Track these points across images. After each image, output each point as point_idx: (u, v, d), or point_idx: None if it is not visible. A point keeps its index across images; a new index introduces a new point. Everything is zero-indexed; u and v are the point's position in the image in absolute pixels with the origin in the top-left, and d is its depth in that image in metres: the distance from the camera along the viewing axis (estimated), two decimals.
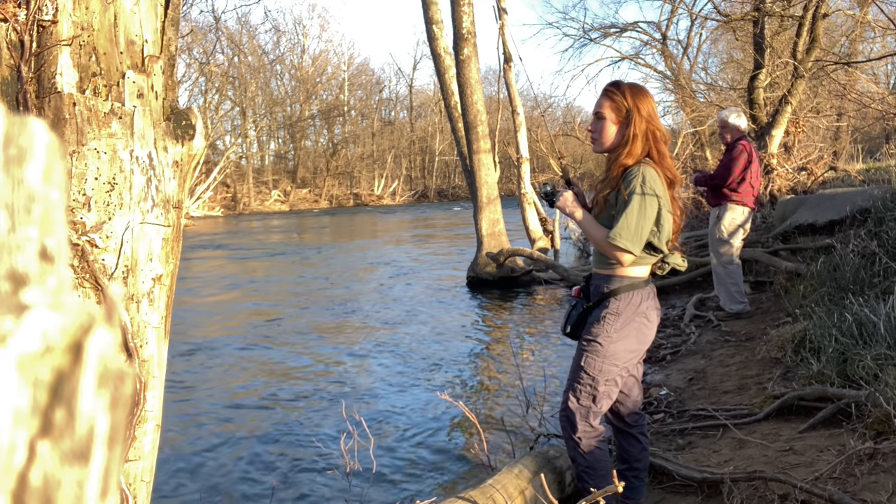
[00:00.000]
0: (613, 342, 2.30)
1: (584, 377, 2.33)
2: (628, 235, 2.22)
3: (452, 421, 4.23)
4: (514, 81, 11.06)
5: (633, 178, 2.24)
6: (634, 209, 2.21)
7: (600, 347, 2.31)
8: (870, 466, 2.59)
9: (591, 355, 2.32)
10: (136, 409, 1.48)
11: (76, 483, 0.30)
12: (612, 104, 2.32)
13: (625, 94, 2.30)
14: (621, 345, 2.31)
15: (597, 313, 2.35)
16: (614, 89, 2.33)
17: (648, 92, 2.38)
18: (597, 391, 2.33)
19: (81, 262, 1.40)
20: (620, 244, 2.22)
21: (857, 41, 14.49)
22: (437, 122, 42.59)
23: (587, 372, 2.32)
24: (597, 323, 2.33)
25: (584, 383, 2.33)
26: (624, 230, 2.21)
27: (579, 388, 2.34)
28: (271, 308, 8.23)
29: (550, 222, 10.97)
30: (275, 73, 39.05)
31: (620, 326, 2.30)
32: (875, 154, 14.93)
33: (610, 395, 2.37)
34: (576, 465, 2.44)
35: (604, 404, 2.36)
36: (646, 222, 2.23)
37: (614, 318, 2.30)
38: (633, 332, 2.32)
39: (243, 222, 26.19)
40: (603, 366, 2.31)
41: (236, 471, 3.65)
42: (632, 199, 2.21)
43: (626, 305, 2.31)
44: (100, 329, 0.32)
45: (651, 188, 2.23)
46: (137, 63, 1.48)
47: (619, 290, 2.32)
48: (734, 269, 5.52)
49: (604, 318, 2.31)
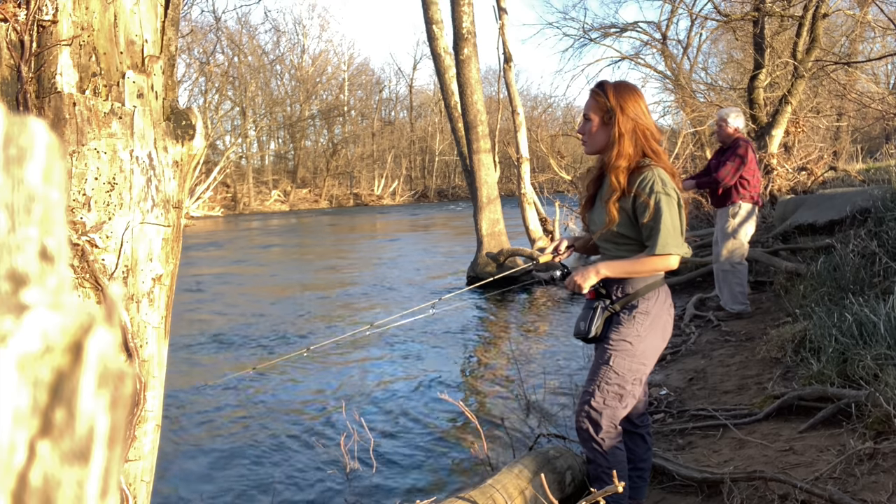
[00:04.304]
0: (643, 341, 2.29)
1: (613, 377, 2.30)
2: (674, 241, 2.21)
3: (452, 421, 4.23)
4: (514, 81, 11.05)
5: (652, 182, 2.21)
6: (666, 213, 2.19)
7: (630, 347, 2.29)
8: (870, 466, 2.59)
9: (621, 355, 2.30)
10: (136, 409, 1.48)
11: (76, 483, 0.30)
12: (596, 104, 2.31)
13: (608, 93, 2.28)
14: (649, 343, 2.31)
15: (625, 314, 2.32)
16: (598, 90, 2.31)
17: (636, 89, 2.34)
18: (624, 390, 2.31)
19: (81, 262, 1.39)
20: (673, 251, 2.21)
21: (857, 41, 14.49)
22: (437, 122, 42.59)
23: (616, 372, 2.30)
24: (626, 323, 2.30)
25: (611, 383, 2.31)
26: (669, 237, 2.20)
27: (606, 389, 2.31)
28: (269, 306, 8.22)
29: (550, 222, 10.96)
30: (275, 73, 39.07)
31: (650, 325, 2.30)
32: (875, 154, 14.93)
33: (635, 395, 2.36)
34: (594, 466, 2.39)
35: (629, 404, 2.35)
36: (679, 221, 2.24)
37: (644, 317, 2.29)
38: (659, 329, 2.33)
39: (243, 222, 26.19)
40: (632, 365, 2.30)
41: (236, 471, 3.65)
42: (660, 204, 2.19)
43: (655, 304, 2.31)
44: (100, 329, 0.32)
45: (671, 187, 2.23)
46: (137, 63, 1.48)
47: (643, 289, 2.31)
48: (742, 268, 5.53)
49: (634, 318, 2.29)
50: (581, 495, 2.59)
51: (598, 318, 2.35)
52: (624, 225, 2.29)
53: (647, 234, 2.24)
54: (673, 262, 2.25)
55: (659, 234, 2.19)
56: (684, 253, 2.25)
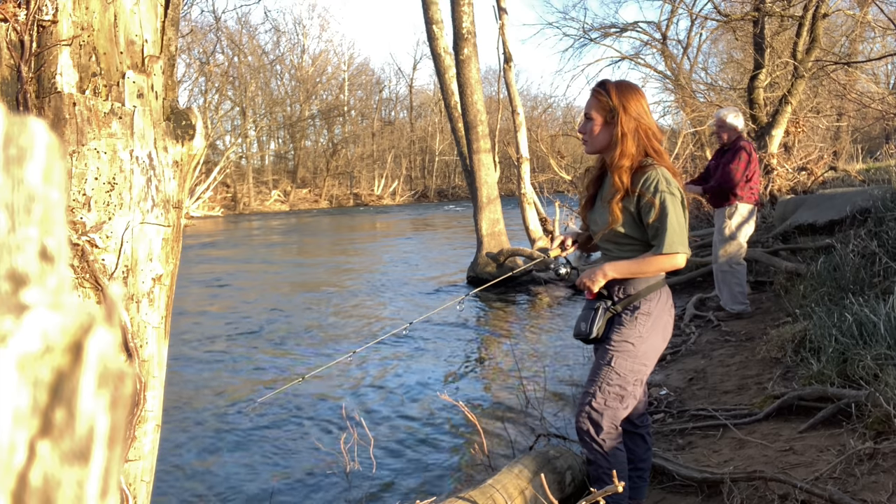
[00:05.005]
0: (645, 342, 2.29)
1: (614, 378, 2.30)
2: (680, 240, 2.20)
3: (452, 421, 4.23)
4: (514, 81, 11.05)
5: (656, 181, 2.21)
6: (671, 212, 2.19)
7: (632, 348, 2.29)
8: (870, 466, 2.59)
9: (622, 356, 2.29)
10: (136, 409, 1.48)
11: (76, 483, 0.30)
12: (598, 104, 2.30)
13: (610, 93, 2.27)
14: (650, 343, 2.31)
15: (627, 315, 2.32)
16: (600, 89, 2.30)
17: (638, 89, 2.33)
18: (625, 391, 2.31)
19: (81, 262, 1.40)
20: (679, 250, 2.20)
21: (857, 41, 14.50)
22: (437, 122, 42.58)
23: (618, 373, 2.30)
24: (628, 324, 2.30)
25: (613, 384, 2.31)
26: (675, 236, 2.19)
27: (607, 390, 2.31)
28: (268, 306, 8.22)
29: (550, 222, 10.97)
30: (275, 73, 39.05)
31: (652, 326, 2.30)
32: (875, 154, 14.93)
33: (636, 396, 2.36)
34: (595, 467, 2.39)
35: (630, 404, 2.36)
36: (684, 220, 2.24)
37: (646, 318, 2.29)
38: (660, 330, 2.33)
39: (243, 222, 26.19)
40: (633, 366, 2.30)
41: (236, 470, 3.65)
42: (665, 204, 2.19)
43: (656, 304, 2.31)
44: (100, 329, 0.32)
45: (675, 187, 2.22)
46: (137, 63, 1.48)
47: (645, 290, 2.31)
48: (741, 268, 5.53)
49: (636, 318, 2.29)
50: (581, 495, 2.59)
51: (600, 318, 2.34)
52: (627, 225, 2.28)
53: (652, 233, 2.24)
54: (680, 260, 2.24)
55: (666, 234, 2.19)
56: (688, 251, 2.25)
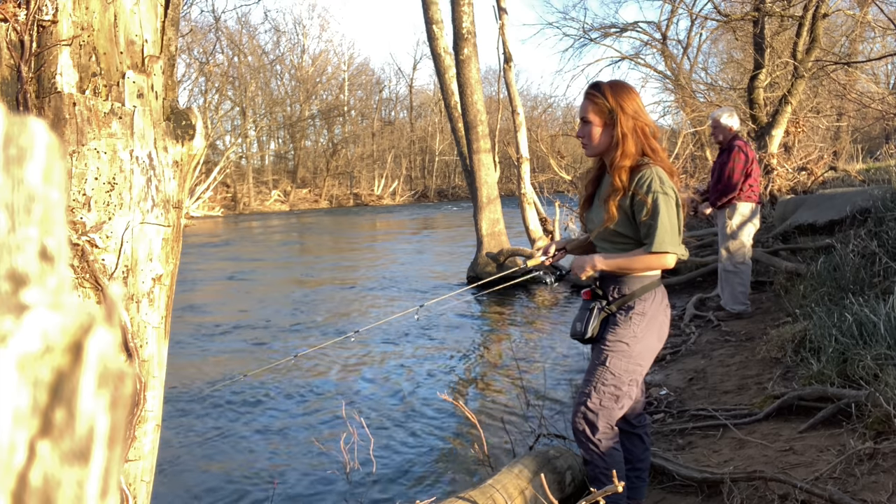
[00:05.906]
0: (640, 342, 2.30)
1: (609, 378, 2.31)
2: (671, 239, 2.20)
3: (452, 421, 4.23)
4: (514, 81, 11.05)
5: (650, 180, 2.21)
6: (664, 211, 2.19)
7: (627, 348, 2.29)
8: (870, 466, 2.59)
9: (617, 356, 2.30)
10: (136, 409, 1.48)
11: (76, 483, 0.30)
12: (595, 107, 2.29)
13: (606, 94, 2.27)
14: (645, 343, 2.31)
15: (621, 315, 2.32)
16: (595, 91, 2.30)
17: (632, 87, 2.33)
18: (620, 391, 2.32)
19: (81, 262, 1.40)
20: (669, 250, 2.20)
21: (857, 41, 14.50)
22: (437, 122, 42.56)
23: (612, 373, 2.30)
24: (623, 324, 2.30)
25: (608, 384, 2.31)
26: (666, 235, 2.19)
27: (602, 390, 2.32)
28: (267, 305, 8.23)
29: (550, 222, 10.96)
30: (275, 73, 39.03)
31: (646, 326, 2.30)
32: (875, 154, 14.92)
33: (631, 396, 2.36)
34: (592, 467, 2.39)
35: (625, 404, 2.36)
36: (677, 220, 2.23)
37: (640, 318, 2.29)
38: (655, 330, 2.33)
39: (243, 222, 26.19)
40: (628, 366, 2.30)
41: (236, 471, 3.65)
42: (658, 203, 2.19)
43: (651, 305, 2.30)
44: (100, 329, 0.32)
45: (669, 186, 2.22)
46: (137, 63, 1.48)
47: (641, 290, 2.31)
48: (745, 268, 5.52)
49: (630, 318, 2.29)
50: (581, 495, 2.60)
51: (595, 318, 2.36)
52: (622, 223, 2.29)
53: (644, 231, 2.24)
54: (669, 260, 2.24)
55: (656, 232, 2.19)
56: (681, 254, 2.24)
